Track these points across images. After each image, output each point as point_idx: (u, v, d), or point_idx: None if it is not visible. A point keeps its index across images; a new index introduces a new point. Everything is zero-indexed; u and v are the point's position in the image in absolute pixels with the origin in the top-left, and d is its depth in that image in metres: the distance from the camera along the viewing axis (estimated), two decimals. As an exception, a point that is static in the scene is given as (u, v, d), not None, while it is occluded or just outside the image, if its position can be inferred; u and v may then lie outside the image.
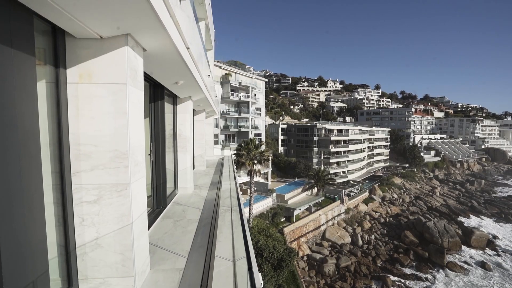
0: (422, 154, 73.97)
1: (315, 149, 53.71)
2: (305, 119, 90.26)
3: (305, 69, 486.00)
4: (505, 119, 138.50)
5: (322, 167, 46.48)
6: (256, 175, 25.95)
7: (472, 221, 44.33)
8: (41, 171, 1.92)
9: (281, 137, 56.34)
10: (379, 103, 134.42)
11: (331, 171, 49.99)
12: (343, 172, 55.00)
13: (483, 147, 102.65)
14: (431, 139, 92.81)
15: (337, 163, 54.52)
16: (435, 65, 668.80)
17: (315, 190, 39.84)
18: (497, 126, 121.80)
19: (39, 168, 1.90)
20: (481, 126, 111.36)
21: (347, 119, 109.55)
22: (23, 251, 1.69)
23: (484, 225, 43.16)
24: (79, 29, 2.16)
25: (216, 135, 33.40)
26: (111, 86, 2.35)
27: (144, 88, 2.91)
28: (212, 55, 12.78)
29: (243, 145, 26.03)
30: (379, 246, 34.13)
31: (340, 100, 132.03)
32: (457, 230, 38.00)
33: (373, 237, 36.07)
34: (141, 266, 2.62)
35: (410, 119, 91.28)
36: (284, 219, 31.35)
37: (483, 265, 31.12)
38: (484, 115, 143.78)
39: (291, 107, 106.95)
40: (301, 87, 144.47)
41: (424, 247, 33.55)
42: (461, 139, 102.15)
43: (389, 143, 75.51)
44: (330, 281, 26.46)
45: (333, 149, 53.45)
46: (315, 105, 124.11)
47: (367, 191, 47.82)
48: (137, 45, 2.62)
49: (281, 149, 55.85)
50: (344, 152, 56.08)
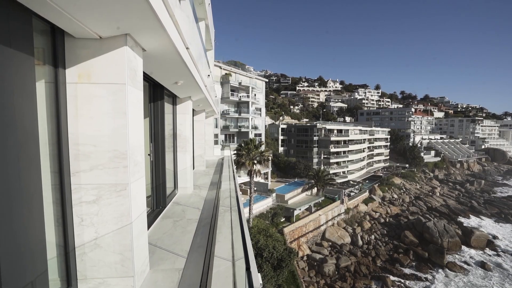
0: (422, 154, 73.95)
1: (315, 149, 53.70)
2: (305, 119, 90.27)
3: (305, 69, 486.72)
4: (505, 119, 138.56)
5: (322, 167, 46.47)
6: (256, 175, 25.94)
7: (472, 221, 44.32)
8: (40, 171, 1.92)
9: (281, 137, 56.32)
10: (379, 103, 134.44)
11: (331, 171, 49.98)
12: (343, 172, 55.00)
13: (483, 147, 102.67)
14: (431, 139, 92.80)
15: (337, 163, 54.53)
16: (435, 65, 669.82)
17: (315, 190, 39.83)
18: (497, 126, 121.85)
19: (38, 168, 1.90)
20: (481, 126, 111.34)
21: (347, 119, 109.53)
22: (22, 251, 1.69)
23: (484, 225, 43.14)
24: (78, 29, 2.16)
25: (216, 135, 33.39)
26: (111, 86, 2.35)
27: (143, 88, 2.91)
28: (212, 55, 12.79)
29: (243, 145, 26.02)
30: (379, 246, 34.10)
31: (340, 100, 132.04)
32: (457, 230, 37.98)
33: (373, 237, 36.05)
34: (140, 266, 2.61)
35: (410, 119, 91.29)
36: (284, 219, 31.33)
37: (483, 265, 31.10)
38: (484, 115, 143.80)
39: (291, 107, 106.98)
40: (301, 87, 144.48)
41: (424, 247, 33.53)
42: (461, 139, 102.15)
43: (389, 143, 75.51)
44: (330, 281, 26.46)
45: (333, 149, 53.44)
46: (315, 105, 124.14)
47: (367, 191, 47.81)
48: (137, 45, 2.62)
49: (281, 149, 55.84)
50: (344, 152, 56.07)
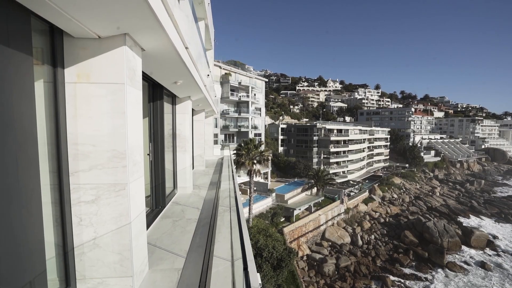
0: (422, 154, 73.97)
1: (315, 149, 53.69)
2: (305, 119, 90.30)
3: (305, 69, 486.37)
4: (505, 119, 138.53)
5: (322, 167, 46.47)
6: (255, 175, 25.93)
7: (472, 221, 44.32)
8: (39, 171, 1.92)
9: (280, 137, 56.31)
10: (379, 103, 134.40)
11: (331, 171, 49.98)
12: (343, 172, 55.00)
13: (483, 147, 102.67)
14: (431, 139, 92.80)
15: (337, 163, 54.54)
16: (435, 65, 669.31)
17: (314, 190, 39.82)
18: (497, 126, 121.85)
19: (37, 168, 1.90)
20: (481, 126, 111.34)
21: (347, 119, 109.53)
22: (21, 251, 1.69)
23: (484, 225, 43.15)
24: (77, 28, 2.15)
25: (215, 135, 33.40)
26: (110, 86, 2.35)
27: (143, 87, 2.91)
28: (211, 55, 12.79)
29: (242, 145, 26.00)
30: (378, 246, 34.11)
31: (340, 100, 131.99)
32: (457, 230, 37.97)
33: (372, 237, 36.05)
34: (139, 266, 2.61)
35: (410, 119, 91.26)
36: (283, 219, 31.32)
37: (483, 265, 31.10)
38: (484, 115, 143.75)
39: (291, 107, 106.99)
40: (301, 87, 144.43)
41: (424, 247, 33.53)
42: (461, 139, 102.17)
43: (389, 143, 75.51)
44: (329, 281, 26.46)
45: (333, 149, 53.43)
46: (315, 105, 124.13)
47: (367, 191, 47.82)
48: (136, 44, 2.62)
49: (280, 149, 55.82)
50: (344, 152, 56.08)
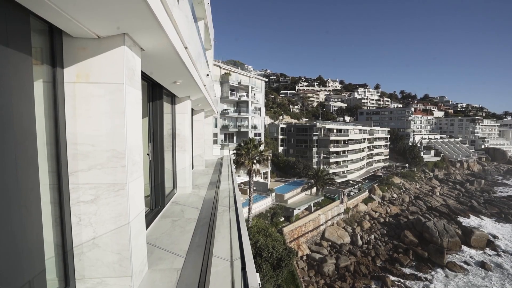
0: (421, 153, 74.00)
1: (315, 149, 53.71)
2: (304, 119, 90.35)
3: (305, 69, 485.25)
4: (505, 119, 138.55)
5: (321, 167, 46.47)
6: (255, 175, 25.93)
7: (472, 221, 44.35)
8: (38, 170, 1.92)
9: (280, 137, 56.31)
10: (379, 102, 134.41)
11: (331, 171, 49.98)
12: (343, 171, 55.01)
13: (483, 147, 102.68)
14: (431, 138, 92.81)
15: (337, 162, 54.55)
16: (435, 65, 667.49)
17: (314, 189, 39.82)
18: (497, 126, 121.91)
19: (36, 167, 1.90)
20: (481, 125, 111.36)
21: (347, 118, 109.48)
22: (20, 251, 1.69)
23: (484, 225, 43.17)
24: (77, 28, 2.15)
25: (215, 135, 33.41)
26: (109, 85, 2.35)
27: (142, 87, 2.91)
28: (211, 55, 12.79)
29: (242, 144, 26.00)
30: (378, 246, 34.13)
31: (339, 99, 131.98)
32: (457, 230, 37.98)
33: (372, 237, 36.07)
34: (138, 265, 2.61)
35: (409, 118, 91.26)
36: (283, 219, 31.33)
37: (483, 265, 31.11)
38: (484, 114, 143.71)
39: (291, 106, 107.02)
40: (300, 86, 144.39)
41: (423, 247, 33.55)
42: (461, 138, 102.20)
43: (388, 143, 75.55)
44: (329, 281, 26.48)
45: (332, 149, 53.45)
46: (315, 104, 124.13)
47: (367, 191, 47.83)
48: (135, 44, 2.62)
49: (280, 148, 55.83)
50: (343, 151, 56.09)
